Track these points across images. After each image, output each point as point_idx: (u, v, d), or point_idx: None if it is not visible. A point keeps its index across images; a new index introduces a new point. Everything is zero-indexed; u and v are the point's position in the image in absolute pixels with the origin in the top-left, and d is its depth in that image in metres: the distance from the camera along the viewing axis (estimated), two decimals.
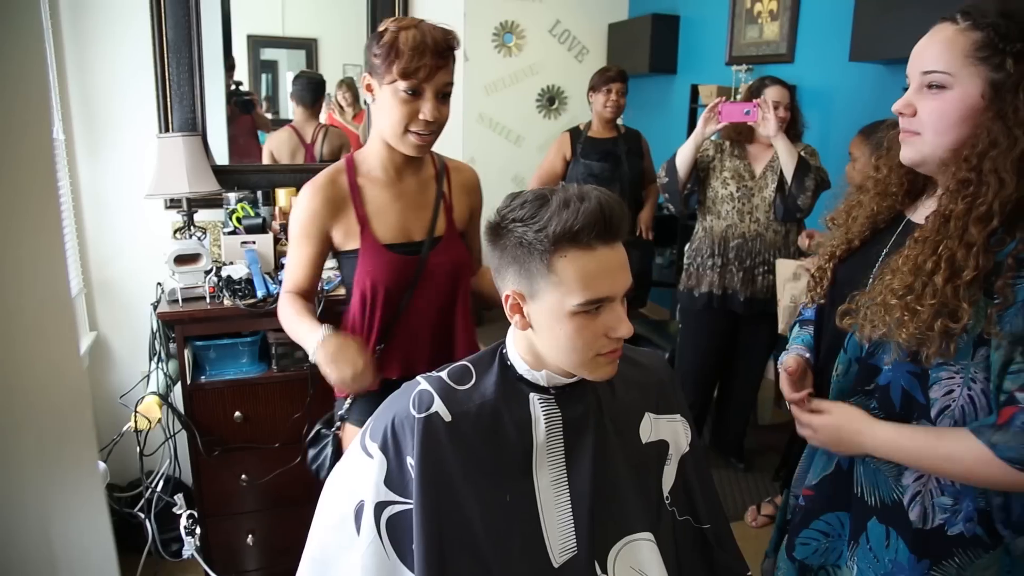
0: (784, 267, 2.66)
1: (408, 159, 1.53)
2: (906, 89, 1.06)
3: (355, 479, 1.06)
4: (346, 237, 1.52)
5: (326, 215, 1.50)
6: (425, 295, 1.53)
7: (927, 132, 1.02)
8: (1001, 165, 0.94)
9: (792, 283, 2.61)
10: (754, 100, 2.61)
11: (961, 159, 0.98)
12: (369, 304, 1.51)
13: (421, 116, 1.40)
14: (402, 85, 1.37)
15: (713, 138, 2.84)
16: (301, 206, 1.51)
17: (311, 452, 1.66)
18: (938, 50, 0.99)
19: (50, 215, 1.33)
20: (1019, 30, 0.94)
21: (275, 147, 2.64)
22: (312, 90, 2.65)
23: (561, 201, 0.95)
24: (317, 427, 1.67)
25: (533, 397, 1.06)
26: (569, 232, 0.93)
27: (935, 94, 1.00)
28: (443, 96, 1.43)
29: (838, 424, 1.10)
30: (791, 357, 1.25)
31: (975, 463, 0.95)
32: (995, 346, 0.95)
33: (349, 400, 1.57)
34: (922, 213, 1.10)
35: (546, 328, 1.00)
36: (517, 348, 1.08)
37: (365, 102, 2.60)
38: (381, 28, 1.40)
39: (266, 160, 2.59)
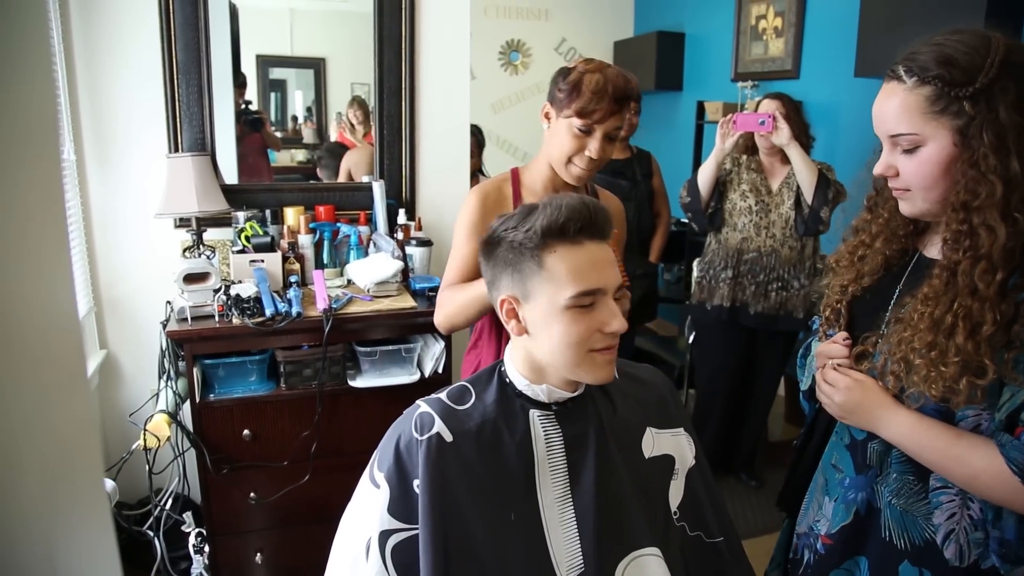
0: None
1: (567, 184, 1.61)
2: (880, 148, 1.06)
3: (364, 513, 1.05)
4: None
5: (492, 216, 1.51)
6: None
7: (915, 188, 1.03)
8: (988, 215, 0.95)
9: None
10: (768, 111, 2.61)
11: (950, 210, 0.99)
12: None
13: (587, 152, 1.52)
14: (577, 122, 1.50)
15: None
16: (469, 206, 1.59)
17: None
18: (896, 113, 1.00)
19: (58, 234, 1.33)
20: (964, 74, 0.95)
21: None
22: None
23: (548, 203, 1.01)
24: None
25: (533, 414, 1.06)
26: (555, 225, 0.98)
27: (911, 155, 1.01)
28: (610, 138, 1.52)
29: (863, 394, 1.08)
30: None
31: (985, 468, 0.96)
32: (1009, 392, 0.95)
33: None
34: (932, 248, 1.10)
35: (541, 327, 1.01)
36: (516, 364, 1.08)
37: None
38: (570, 65, 1.51)
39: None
